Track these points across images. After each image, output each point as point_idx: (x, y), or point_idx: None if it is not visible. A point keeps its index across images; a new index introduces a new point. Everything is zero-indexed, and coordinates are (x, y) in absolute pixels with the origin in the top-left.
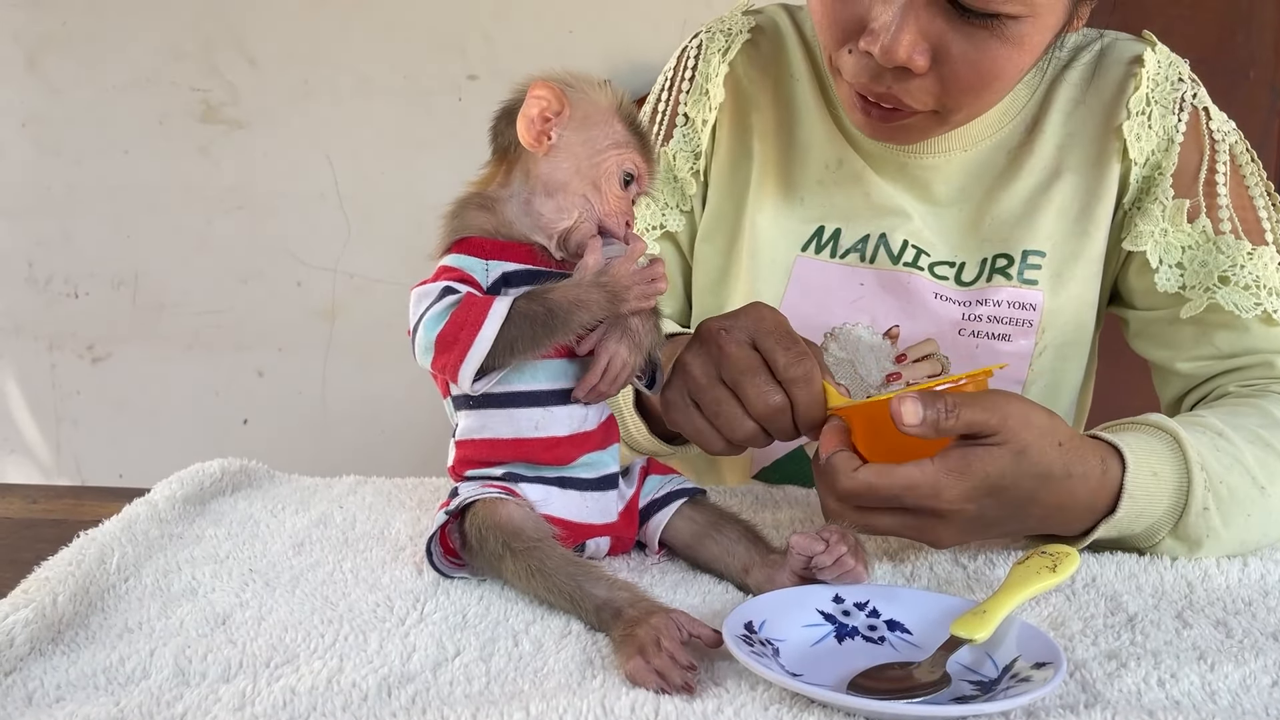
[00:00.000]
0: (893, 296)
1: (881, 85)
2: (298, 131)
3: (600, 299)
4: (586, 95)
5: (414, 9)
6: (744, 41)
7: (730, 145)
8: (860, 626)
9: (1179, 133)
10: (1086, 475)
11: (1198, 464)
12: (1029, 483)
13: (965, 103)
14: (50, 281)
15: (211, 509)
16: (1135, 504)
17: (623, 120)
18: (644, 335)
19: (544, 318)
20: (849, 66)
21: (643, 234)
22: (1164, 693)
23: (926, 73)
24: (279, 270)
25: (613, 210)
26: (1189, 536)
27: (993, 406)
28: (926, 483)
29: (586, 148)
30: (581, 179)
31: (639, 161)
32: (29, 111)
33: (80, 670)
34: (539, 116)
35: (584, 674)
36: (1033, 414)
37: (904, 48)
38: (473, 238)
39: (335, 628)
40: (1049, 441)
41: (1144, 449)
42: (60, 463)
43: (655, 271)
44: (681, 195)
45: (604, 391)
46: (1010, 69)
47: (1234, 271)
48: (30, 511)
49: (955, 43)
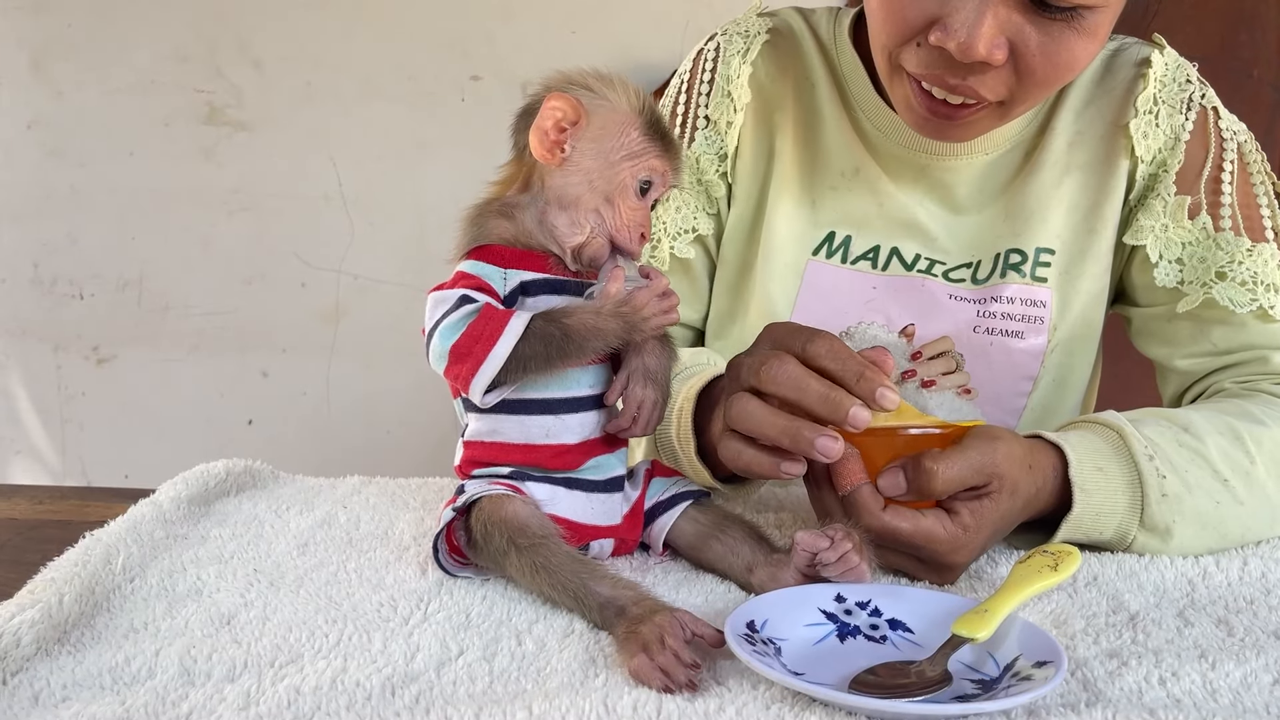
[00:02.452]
0: (906, 298)
1: (957, 76)
2: (302, 133)
3: (617, 328)
4: (605, 102)
5: (417, 11)
6: (763, 43)
7: (754, 145)
8: (862, 625)
9: (1186, 131)
10: (1046, 483)
11: (1145, 455)
12: (1017, 511)
13: (1038, 94)
14: (55, 283)
15: (216, 510)
16: (1090, 499)
17: (641, 126)
18: (663, 371)
19: (560, 341)
20: (917, 59)
21: (675, 238)
22: (1165, 691)
23: (1003, 64)
24: (283, 272)
25: (625, 224)
26: (1157, 526)
27: (982, 460)
28: (946, 540)
29: (600, 161)
30: (594, 193)
31: (657, 166)
32: (34, 114)
33: (86, 670)
34: (554, 128)
35: (587, 673)
36: (1012, 448)
37: (984, 43)
38: (492, 245)
39: (339, 627)
40: (1023, 469)
41: (1086, 447)
42: (66, 464)
43: (671, 303)
44: (708, 198)
45: (636, 434)
46: (1085, 59)
47: (1231, 267)
48: (36, 513)
49: (1033, 36)
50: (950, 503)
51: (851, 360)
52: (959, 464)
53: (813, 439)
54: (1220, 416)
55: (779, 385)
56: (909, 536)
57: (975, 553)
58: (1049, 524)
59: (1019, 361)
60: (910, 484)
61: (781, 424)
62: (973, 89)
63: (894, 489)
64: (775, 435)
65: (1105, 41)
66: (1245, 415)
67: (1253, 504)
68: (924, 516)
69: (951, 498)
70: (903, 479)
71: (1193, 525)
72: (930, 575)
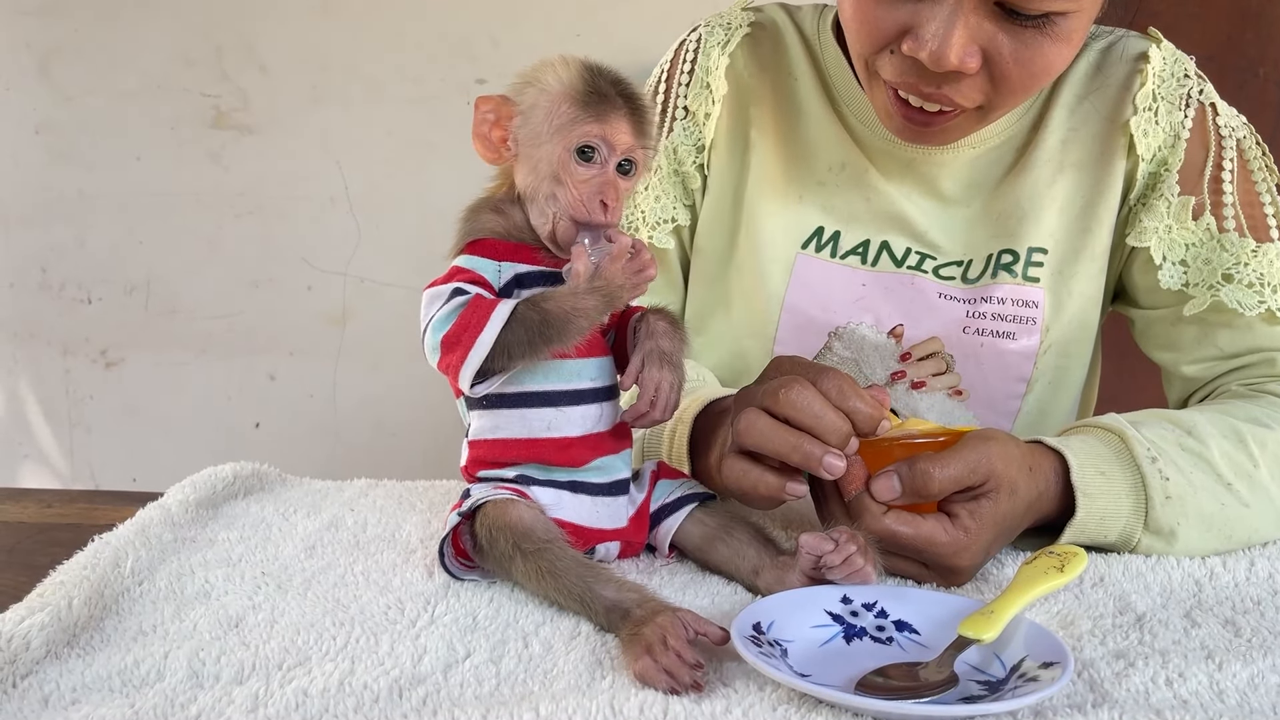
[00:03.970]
0: (896, 296)
1: (931, 85)
2: (308, 136)
3: (596, 304)
4: (534, 86)
5: (422, 14)
6: (743, 35)
7: (730, 137)
8: (868, 627)
9: (1185, 129)
10: (1049, 487)
11: (1148, 458)
12: (1020, 513)
13: (1013, 99)
14: (63, 287)
15: (224, 512)
16: (1094, 504)
17: (573, 97)
18: (677, 352)
19: (539, 325)
20: (892, 68)
21: (654, 227)
22: (1172, 692)
23: (976, 72)
24: (290, 274)
25: (578, 197)
26: (1162, 529)
27: (976, 459)
28: (948, 543)
29: (533, 145)
30: (541, 178)
31: (591, 130)
32: (41, 118)
33: (95, 673)
34: (493, 128)
35: (593, 675)
36: (1007, 448)
37: (955, 53)
38: (486, 239)
39: (347, 630)
40: (1022, 470)
41: (1087, 451)
42: (74, 467)
43: (643, 260)
44: (684, 189)
45: (657, 419)
46: (1059, 64)
47: (1237, 269)
48: (45, 516)
49: (1005, 44)
50: (950, 506)
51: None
52: (953, 464)
53: (820, 455)
54: (1224, 419)
55: (796, 410)
56: (911, 540)
57: (979, 555)
58: (1054, 530)
59: (1011, 362)
60: (906, 486)
61: (790, 439)
62: (948, 97)
63: (889, 492)
64: (784, 450)
65: (1080, 45)
66: (1249, 418)
67: (1257, 506)
68: (925, 521)
69: (950, 501)
70: (897, 482)
71: (1197, 527)
72: (937, 579)
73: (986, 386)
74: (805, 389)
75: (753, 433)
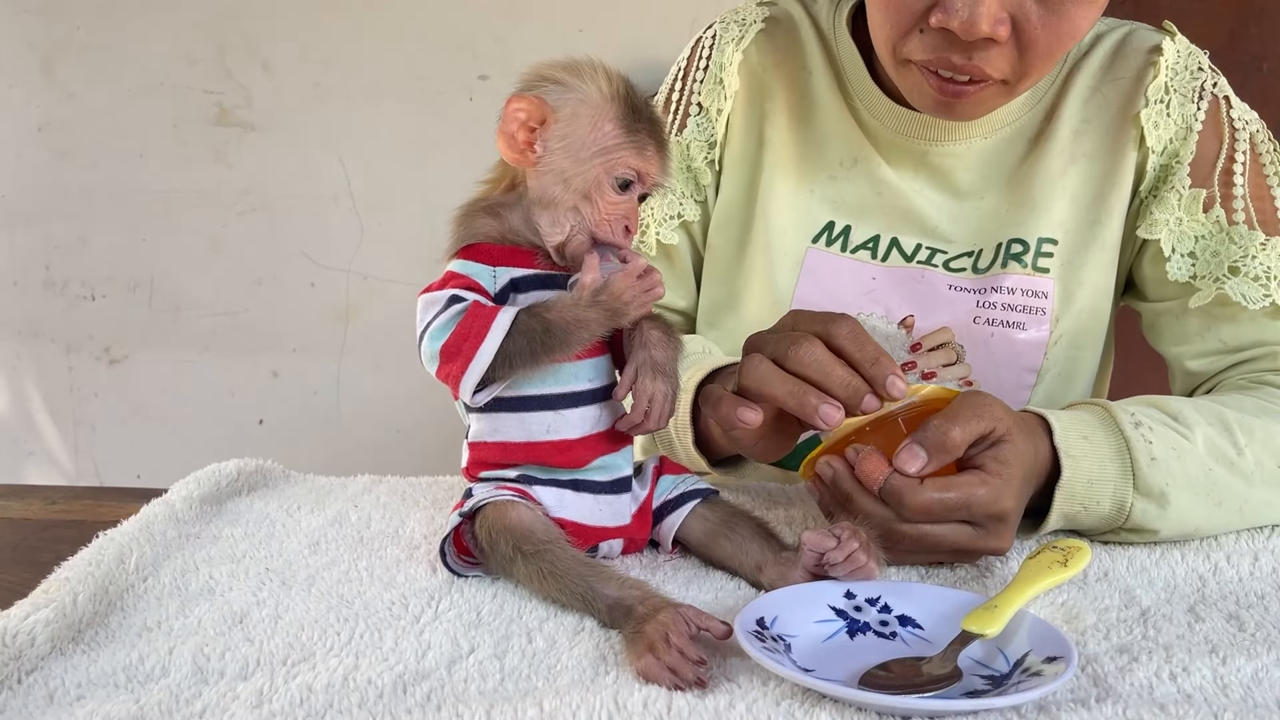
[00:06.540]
0: (906, 290)
1: (963, 56)
2: (311, 134)
3: (599, 317)
4: (574, 94)
5: (425, 11)
6: (758, 31)
7: (744, 132)
8: (872, 622)
9: (1198, 121)
10: (1039, 447)
11: (1131, 423)
12: (1030, 461)
13: (1041, 67)
14: (67, 285)
15: (228, 509)
16: (1079, 465)
17: (616, 116)
18: (671, 361)
19: (542, 335)
20: (922, 47)
21: (661, 224)
22: (1175, 686)
23: (1006, 40)
24: (293, 272)
25: (605, 218)
26: (1152, 490)
27: (979, 408)
28: (989, 489)
29: (572, 159)
30: (570, 191)
31: (634, 163)
32: (45, 116)
33: (100, 669)
34: (521, 130)
35: (597, 670)
36: (1000, 402)
37: (986, 20)
38: (480, 244)
39: (351, 626)
40: (1017, 421)
41: (1070, 418)
42: (79, 464)
43: (651, 280)
44: (696, 185)
45: (651, 429)
46: (1086, 25)
47: (1244, 262)
48: (49, 513)
49: (1033, 9)
50: (973, 460)
51: (869, 345)
52: (963, 415)
53: (818, 404)
54: (1211, 406)
55: (804, 366)
56: (958, 500)
57: (1019, 496)
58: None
59: (1021, 352)
60: (930, 448)
61: (790, 387)
62: (979, 68)
63: (916, 460)
64: (782, 395)
65: (1104, 4)
66: (1239, 407)
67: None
68: (961, 477)
69: (970, 457)
70: (919, 449)
71: (1187, 491)
72: (989, 540)
73: (997, 377)
74: (815, 347)
75: (754, 375)
